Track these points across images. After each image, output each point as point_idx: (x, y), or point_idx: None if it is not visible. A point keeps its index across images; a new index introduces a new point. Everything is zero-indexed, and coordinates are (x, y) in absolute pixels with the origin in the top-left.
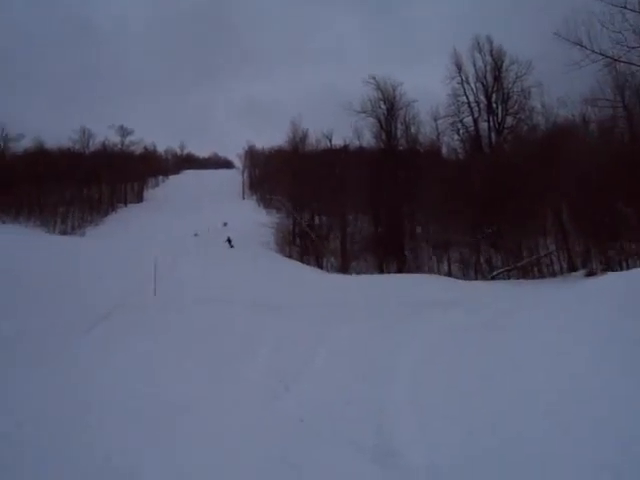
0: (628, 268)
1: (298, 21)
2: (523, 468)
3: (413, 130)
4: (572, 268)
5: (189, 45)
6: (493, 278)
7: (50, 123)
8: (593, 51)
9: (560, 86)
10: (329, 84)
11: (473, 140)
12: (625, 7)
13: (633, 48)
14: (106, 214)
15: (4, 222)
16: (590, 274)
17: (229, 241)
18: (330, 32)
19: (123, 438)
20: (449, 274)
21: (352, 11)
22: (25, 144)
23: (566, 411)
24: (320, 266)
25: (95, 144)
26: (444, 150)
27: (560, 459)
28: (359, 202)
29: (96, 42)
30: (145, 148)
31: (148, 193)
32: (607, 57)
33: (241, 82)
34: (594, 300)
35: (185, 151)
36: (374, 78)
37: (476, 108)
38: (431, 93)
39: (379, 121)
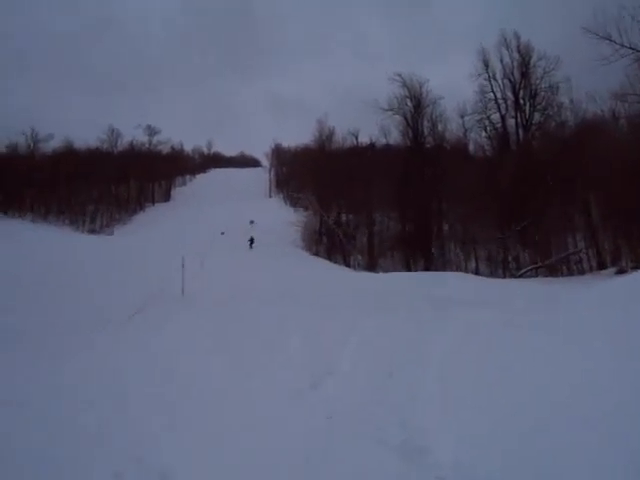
0: None
1: (321, 19)
2: (546, 459)
3: (440, 127)
4: (602, 266)
5: (214, 44)
6: (520, 276)
7: (78, 123)
8: (623, 45)
9: (589, 81)
10: (354, 83)
11: (500, 137)
12: None
13: None
14: (134, 213)
15: (34, 221)
16: (620, 272)
17: (251, 241)
18: (353, 30)
19: (138, 438)
20: (476, 272)
21: (376, 9)
22: (54, 144)
23: (585, 405)
24: (347, 264)
25: (123, 144)
26: (471, 147)
27: (583, 450)
28: (386, 200)
29: (121, 42)
30: (172, 147)
31: (175, 192)
32: (637, 51)
33: (266, 81)
34: (624, 297)
35: (212, 150)
36: (400, 75)
37: (503, 105)
38: (457, 90)
39: (405, 118)
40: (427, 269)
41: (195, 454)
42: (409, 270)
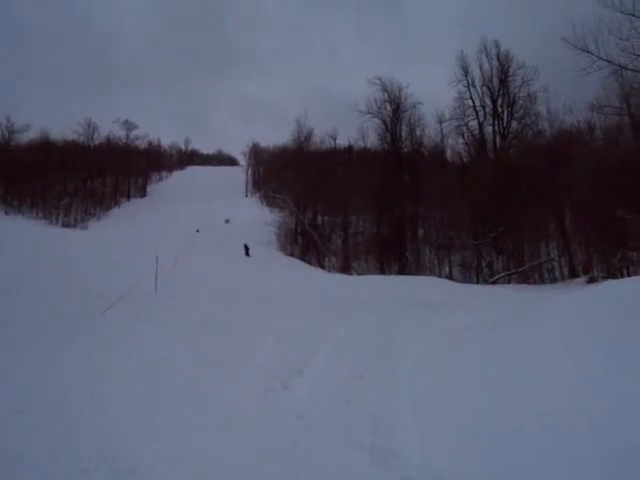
0: (630, 276)
1: (298, 22)
2: (513, 470)
3: (418, 132)
4: (574, 274)
5: (194, 44)
6: (494, 282)
7: (56, 117)
8: (600, 58)
9: (566, 92)
10: (329, 89)
11: (478, 144)
12: (633, 15)
13: None
14: (109, 208)
15: (7, 214)
16: (591, 281)
17: (246, 249)
18: (332, 35)
19: (107, 436)
20: (450, 277)
21: (354, 14)
22: (30, 135)
23: (559, 413)
24: (322, 266)
25: (99, 137)
26: (448, 153)
27: (555, 461)
28: (362, 203)
29: (100, 39)
30: (150, 143)
31: (152, 188)
32: (614, 64)
33: (244, 82)
34: (599, 303)
35: (190, 147)
36: (380, 79)
37: (482, 112)
38: (435, 96)
39: (384, 122)
40: (401, 273)
41: (164, 452)
42: (383, 273)
